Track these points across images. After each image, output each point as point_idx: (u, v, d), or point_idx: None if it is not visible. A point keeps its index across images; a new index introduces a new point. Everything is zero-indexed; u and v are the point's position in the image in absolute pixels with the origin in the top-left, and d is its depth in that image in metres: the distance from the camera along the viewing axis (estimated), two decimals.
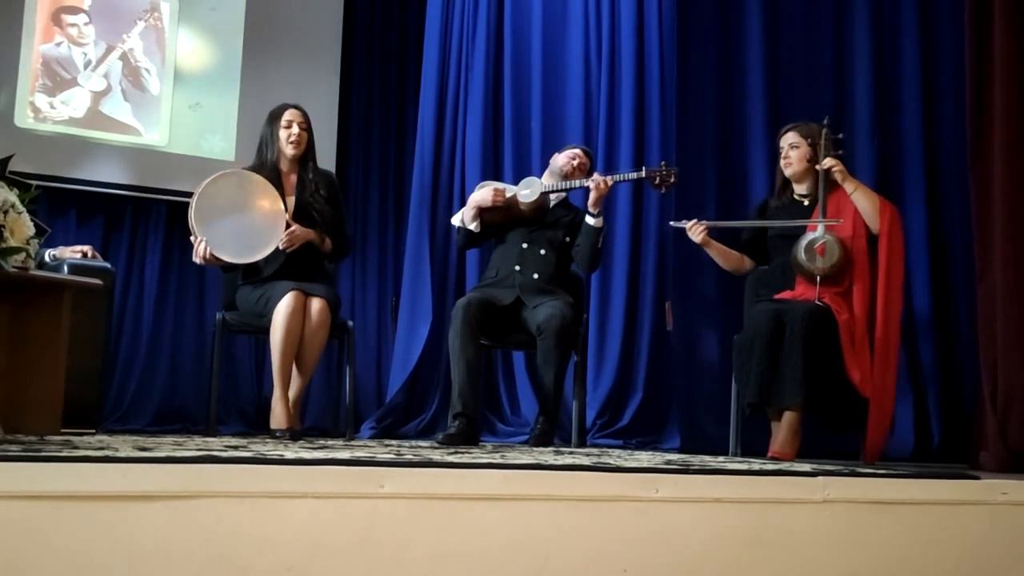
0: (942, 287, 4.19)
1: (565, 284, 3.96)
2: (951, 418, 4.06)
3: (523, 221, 3.93)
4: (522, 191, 3.94)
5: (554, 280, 3.90)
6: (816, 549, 1.87)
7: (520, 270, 3.87)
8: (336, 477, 1.62)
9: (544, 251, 3.91)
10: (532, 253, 3.90)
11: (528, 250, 3.91)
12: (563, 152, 4.07)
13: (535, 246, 3.91)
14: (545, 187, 3.93)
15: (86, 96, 5.00)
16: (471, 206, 3.95)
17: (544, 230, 3.93)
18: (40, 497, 1.44)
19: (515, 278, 3.86)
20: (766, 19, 4.41)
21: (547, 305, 3.72)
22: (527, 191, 3.93)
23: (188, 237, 3.70)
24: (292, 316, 3.52)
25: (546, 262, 3.90)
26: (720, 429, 3.80)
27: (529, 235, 3.93)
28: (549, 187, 3.93)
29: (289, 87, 5.00)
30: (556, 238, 3.93)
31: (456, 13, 5.30)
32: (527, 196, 3.92)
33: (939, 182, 4.25)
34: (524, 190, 3.94)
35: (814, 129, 3.57)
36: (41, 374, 2.98)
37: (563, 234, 3.94)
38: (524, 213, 3.92)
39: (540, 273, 3.87)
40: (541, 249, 3.91)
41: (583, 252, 3.89)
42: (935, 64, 4.31)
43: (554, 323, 3.64)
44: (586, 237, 3.87)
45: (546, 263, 3.90)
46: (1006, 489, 2.04)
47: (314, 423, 5.00)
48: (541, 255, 3.90)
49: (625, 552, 1.75)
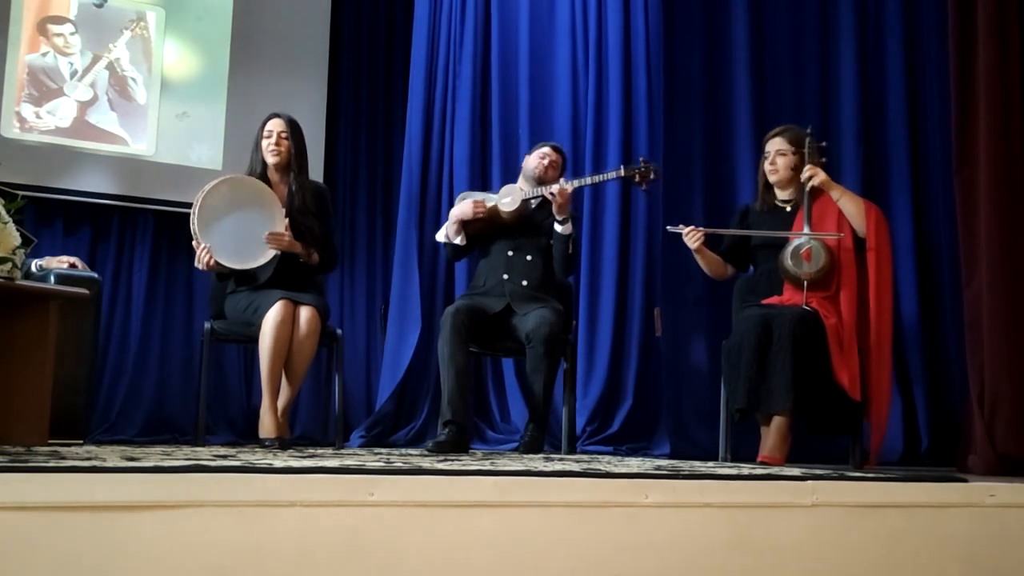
0: (929, 292, 4.21)
1: (553, 290, 3.97)
2: (939, 422, 4.08)
3: (507, 229, 3.94)
4: (502, 199, 3.94)
5: (543, 286, 3.90)
6: (806, 553, 1.88)
7: (509, 278, 3.87)
8: (325, 485, 1.62)
9: (531, 257, 3.92)
10: (519, 260, 3.91)
11: (515, 257, 3.91)
12: (533, 153, 4.05)
13: (521, 252, 3.92)
14: (525, 194, 3.93)
15: (72, 106, 4.99)
16: (453, 220, 3.95)
17: (528, 236, 3.94)
18: (27, 508, 1.44)
19: (504, 286, 3.86)
20: (752, 25, 4.43)
21: (536, 313, 3.73)
22: (507, 199, 3.93)
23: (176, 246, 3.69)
24: (281, 325, 3.51)
25: (534, 268, 3.90)
26: (709, 435, 3.80)
27: (514, 243, 3.93)
28: (528, 194, 3.93)
29: (276, 96, 4.99)
30: (541, 243, 3.94)
31: (443, 22, 5.31)
32: (508, 204, 3.92)
33: (925, 188, 4.27)
34: (504, 198, 3.94)
35: (802, 135, 3.59)
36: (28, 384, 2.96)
37: (547, 239, 3.94)
38: (507, 221, 3.93)
39: (529, 279, 3.88)
40: (527, 255, 3.92)
41: (556, 257, 3.91)
42: (920, 70, 4.33)
43: (543, 331, 3.64)
44: (556, 244, 3.89)
45: (534, 269, 3.90)
46: (994, 491, 2.06)
47: (303, 432, 4.99)
48: (528, 261, 3.91)
49: (615, 558, 1.75)
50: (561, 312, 3.83)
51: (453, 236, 3.95)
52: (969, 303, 3.25)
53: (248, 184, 3.75)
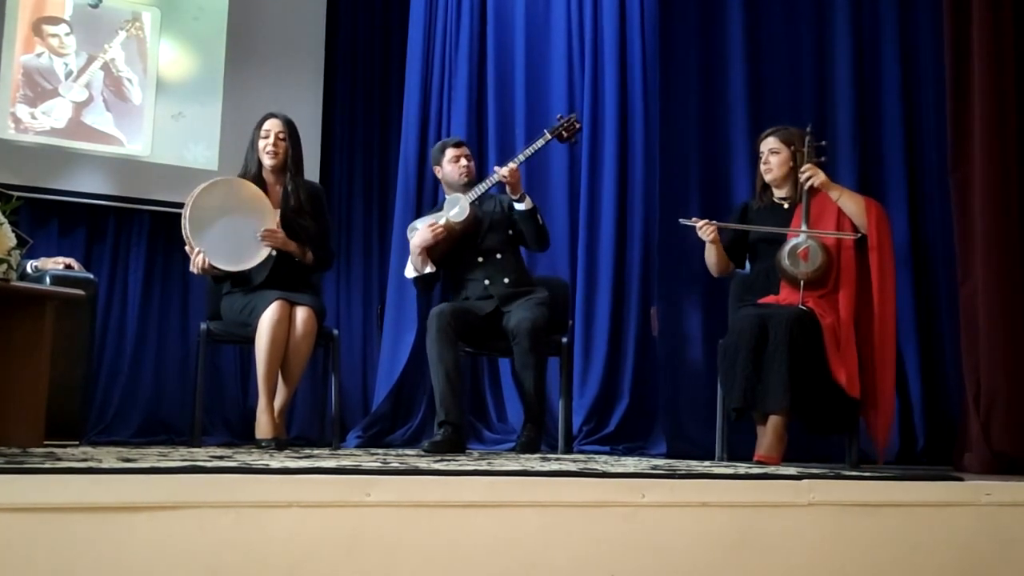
0: (925, 291, 4.21)
1: (534, 277, 4.02)
2: (935, 421, 4.08)
3: (466, 239, 3.95)
4: (450, 212, 3.95)
5: (523, 276, 3.96)
6: (802, 552, 1.88)
7: (491, 282, 3.88)
8: (322, 486, 1.62)
9: (500, 255, 3.94)
10: (492, 263, 3.92)
11: (486, 262, 3.92)
12: (442, 162, 4.07)
13: (491, 254, 3.93)
14: (469, 198, 3.95)
15: (67, 106, 4.98)
16: (416, 252, 3.94)
17: (488, 237, 3.96)
18: (23, 509, 1.43)
19: (489, 290, 3.87)
20: (748, 23, 4.43)
21: (519, 307, 3.74)
22: (455, 210, 3.95)
23: (172, 247, 3.68)
24: (277, 325, 3.51)
25: (507, 263, 3.93)
26: (706, 434, 3.80)
27: (479, 248, 3.94)
28: (472, 196, 3.95)
29: (272, 96, 4.99)
30: (502, 237, 3.96)
31: (439, 22, 5.31)
32: (458, 215, 3.93)
33: (921, 187, 4.28)
34: (452, 210, 3.96)
35: (794, 134, 3.59)
36: (23, 386, 2.96)
37: (505, 229, 3.97)
38: (463, 231, 3.93)
39: (508, 276, 3.90)
40: (497, 254, 3.93)
41: (529, 236, 3.94)
42: (916, 70, 4.33)
43: (525, 325, 3.65)
44: (525, 222, 3.92)
45: (508, 263, 3.93)
46: (990, 490, 2.06)
47: (300, 432, 4.98)
48: (499, 259, 3.93)
49: (612, 557, 1.75)
50: (546, 301, 3.84)
51: (422, 267, 3.95)
52: (964, 302, 3.25)
53: (236, 186, 3.74)
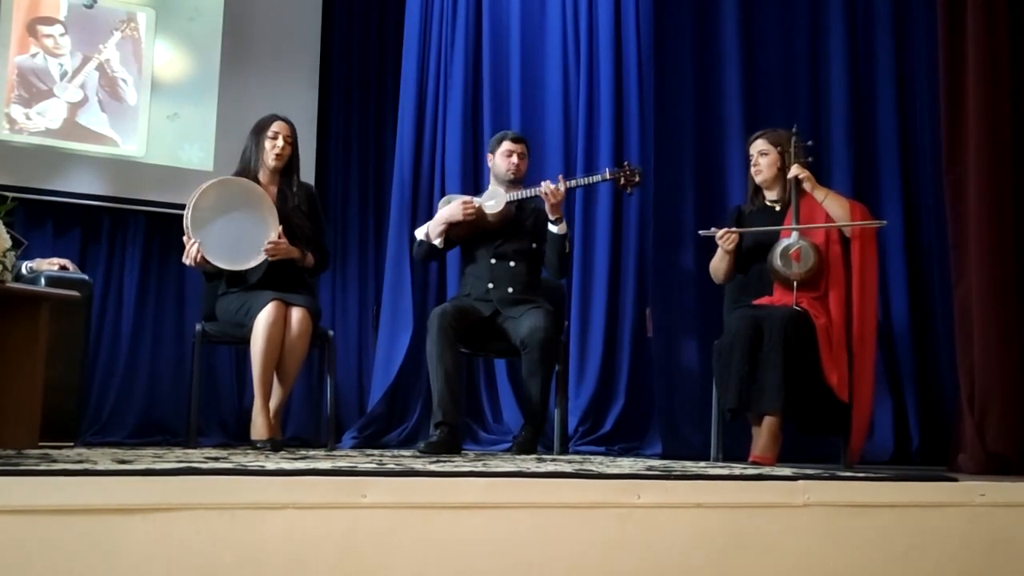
0: (919, 292, 4.22)
1: (541, 291, 3.97)
2: (929, 421, 4.09)
3: (487, 235, 3.91)
4: (487, 202, 3.91)
5: (529, 289, 3.89)
6: (797, 553, 1.88)
7: (494, 287, 3.86)
8: (318, 487, 1.62)
9: (513, 263, 3.89)
10: (502, 267, 3.88)
11: (497, 265, 3.89)
12: (496, 152, 3.99)
13: (503, 260, 3.89)
14: (509, 197, 3.90)
15: (62, 107, 4.97)
16: (440, 221, 3.90)
17: (510, 242, 3.91)
18: (18, 511, 1.43)
19: (490, 294, 3.86)
20: (742, 25, 4.44)
21: (528, 316, 3.72)
22: (491, 202, 3.89)
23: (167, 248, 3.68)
24: (273, 326, 3.51)
25: (517, 273, 3.88)
26: (701, 435, 3.81)
27: (495, 250, 3.90)
28: (513, 197, 3.90)
29: (267, 97, 4.98)
30: (523, 247, 3.92)
31: (435, 23, 5.30)
32: (492, 207, 3.88)
33: (915, 187, 4.29)
34: (488, 201, 3.91)
35: (783, 136, 3.61)
36: (18, 387, 2.96)
37: (529, 241, 3.93)
38: (490, 225, 3.90)
39: (514, 286, 3.86)
40: (510, 262, 3.89)
41: (550, 260, 3.89)
42: (910, 71, 4.35)
43: (538, 336, 3.64)
44: (551, 245, 3.86)
45: (517, 274, 3.88)
46: (984, 491, 2.06)
47: (295, 433, 4.98)
48: (511, 267, 3.88)
49: (607, 558, 1.75)
50: (552, 313, 3.82)
51: (434, 237, 3.90)
52: (959, 302, 3.26)
53: (240, 186, 3.74)
